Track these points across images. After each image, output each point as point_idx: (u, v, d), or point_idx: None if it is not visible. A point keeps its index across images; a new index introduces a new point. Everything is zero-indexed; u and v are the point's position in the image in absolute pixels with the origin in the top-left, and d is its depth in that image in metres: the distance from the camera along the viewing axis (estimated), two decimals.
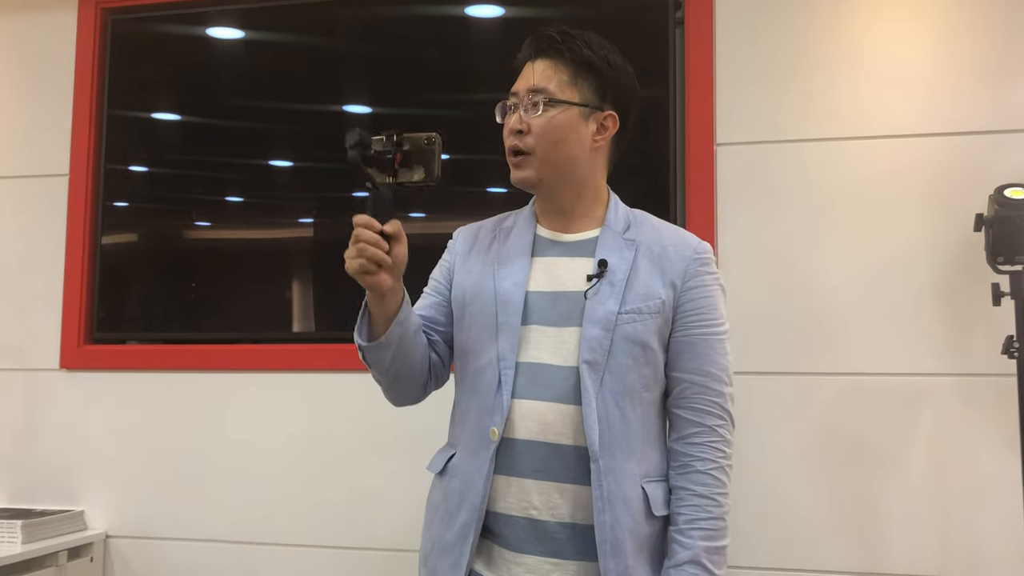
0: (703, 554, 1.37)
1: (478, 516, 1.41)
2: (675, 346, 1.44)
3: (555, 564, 1.39)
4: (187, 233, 2.58)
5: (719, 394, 1.43)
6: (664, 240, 1.48)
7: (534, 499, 1.40)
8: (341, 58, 2.51)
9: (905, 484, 2.09)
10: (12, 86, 2.65)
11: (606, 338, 1.40)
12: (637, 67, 2.40)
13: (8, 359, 2.56)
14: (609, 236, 1.48)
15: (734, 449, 1.44)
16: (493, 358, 1.43)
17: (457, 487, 1.45)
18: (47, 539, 2.30)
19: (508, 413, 1.41)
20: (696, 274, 1.46)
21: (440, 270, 1.59)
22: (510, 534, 1.41)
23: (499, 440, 1.40)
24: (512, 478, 1.41)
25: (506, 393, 1.41)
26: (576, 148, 1.47)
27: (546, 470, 1.39)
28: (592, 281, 1.43)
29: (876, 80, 2.19)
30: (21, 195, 2.61)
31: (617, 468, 1.38)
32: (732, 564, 2.11)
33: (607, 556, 1.36)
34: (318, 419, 2.36)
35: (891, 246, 2.15)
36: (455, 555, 1.42)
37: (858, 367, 2.14)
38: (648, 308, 1.42)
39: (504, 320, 1.44)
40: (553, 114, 1.44)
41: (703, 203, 2.23)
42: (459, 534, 1.42)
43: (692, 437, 1.42)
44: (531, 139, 1.44)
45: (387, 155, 1.36)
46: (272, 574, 2.35)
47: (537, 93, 1.45)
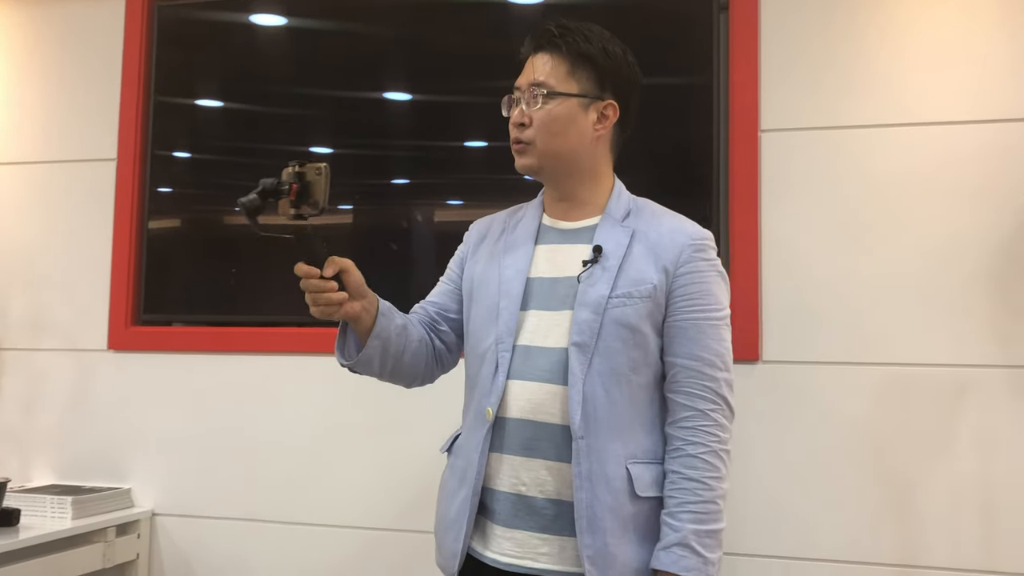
0: (692, 536, 1.39)
1: (474, 492, 1.48)
2: (668, 331, 1.48)
3: (543, 539, 1.45)
4: (229, 218, 2.62)
5: (711, 379, 1.46)
6: (661, 227, 1.53)
7: (523, 476, 1.46)
8: (382, 45, 2.51)
9: (949, 476, 2.05)
10: (62, 73, 2.70)
11: (595, 321, 1.45)
12: (680, 53, 2.39)
13: (58, 340, 2.63)
14: (608, 223, 1.53)
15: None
16: (492, 342, 1.50)
17: (460, 465, 1.53)
18: (96, 515, 2.36)
19: (503, 393, 1.47)
20: (690, 260, 1.49)
21: (455, 260, 1.69)
22: (502, 510, 1.47)
23: (493, 419, 1.47)
24: (504, 455, 1.47)
25: (501, 375, 1.47)
26: (576, 138, 1.52)
27: (535, 448, 1.45)
28: (587, 266, 1.48)
29: (926, 65, 2.14)
30: (70, 179, 2.67)
31: (600, 447, 1.43)
32: (772, 554, 2.11)
33: (583, 532, 1.41)
34: (358, 400, 2.39)
35: (939, 234, 2.10)
36: (455, 530, 1.50)
37: (903, 357, 2.10)
38: (639, 292, 1.46)
39: (504, 305, 1.51)
40: (552, 106, 1.51)
41: (746, 191, 2.20)
42: (459, 510, 1.50)
43: (684, 421, 1.46)
44: (531, 131, 1.52)
45: (284, 187, 1.45)
46: (315, 554, 2.39)
47: (537, 87, 1.51)
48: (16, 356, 2.65)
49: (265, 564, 2.42)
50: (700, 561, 1.39)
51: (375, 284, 1.51)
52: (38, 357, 2.63)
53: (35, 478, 2.59)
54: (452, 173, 2.46)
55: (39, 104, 2.71)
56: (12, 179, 2.71)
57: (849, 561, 2.08)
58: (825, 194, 2.18)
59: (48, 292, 2.64)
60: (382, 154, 2.51)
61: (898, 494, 2.08)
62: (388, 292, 1.62)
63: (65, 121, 2.69)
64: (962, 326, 2.08)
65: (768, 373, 2.17)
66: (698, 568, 1.39)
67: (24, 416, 2.62)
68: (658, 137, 2.31)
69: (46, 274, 2.65)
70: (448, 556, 1.51)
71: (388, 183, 2.51)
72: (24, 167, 2.70)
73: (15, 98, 2.73)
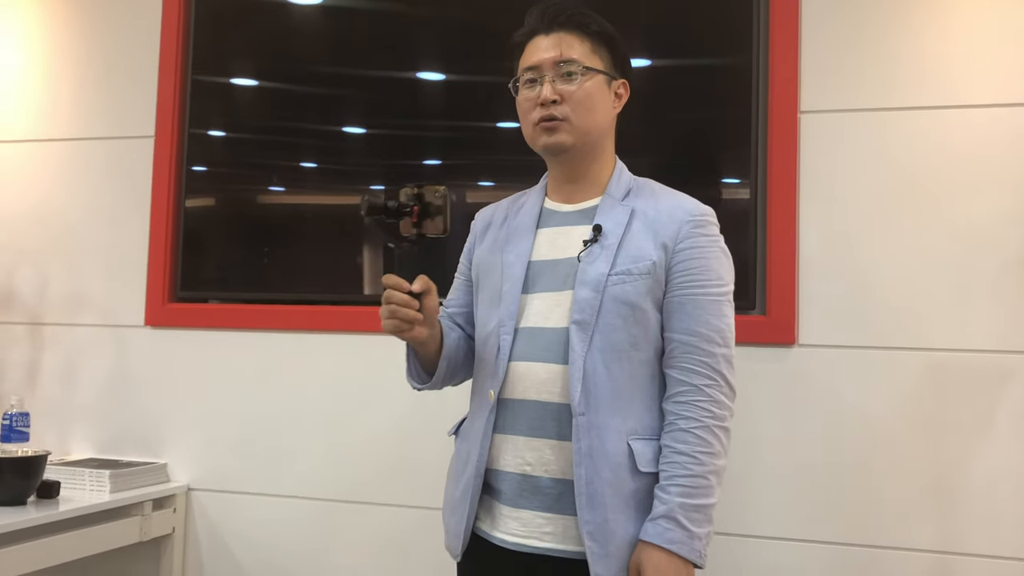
0: (678, 510, 1.40)
1: (478, 474, 1.50)
2: (667, 307, 1.49)
3: (547, 518, 1.46)
4: (263, 197, 2.63)
5: (708, 354, 1.45)
6: (660, 204, 1.53)
7: (527, 455, 1.47)
8: (417, 24, 2.50)
9: (989, 464, 2.02)
10: (101, 51, 2.72)
11: (595, 299, 1.46)
12: (719, 32, 2.35)
13: (96, 315, 2.66)
14: (608, 202, 1.54)
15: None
16: (495, 325, 1.52)
17: (464, 448, 1.56)
18: (133, 489, 2.40)
19: (505, 375, 1.48)
20: (689, 235, 1.49)
21: (464, 253, 1.71)
22: (507, 489, 1.49)
23: (495, 401, 1.48)
24: (508, 436, 1.49)
25: (503, 357, 1.49)
26: (602, 115, 1.54)
27: (539, 427, 1.47)
28: (587, 245, 1.49)
29: (970, 46, 2.10)
30: (108, 156, 2.69)
31: (601, 424, 1.43)
32: (808, 538, 2.10)
33: (583, 508, 1.42)
34: (391, 378, 2.38)
35: (979, 219, 2.06)
36: (460, 511, 1.53)
37: (943, 343, 2.07)
38: (638, 269, 1.47)
39: (506, 289, 1.52)
40: (585, 82, 1.51)
41: (785, 173, 2.17)
42: (463, 492, 1.53)
43: (678, 396, 1.46)
44: (566, 107, 1.50)
45: (406, 210, 1.45)
46: (347, 530, 2.41)
47: (568, 63, 1.50)
48: (56, 331, 2.69)
49: (299, 539, 2.45)
50: (686, 535, 1.39)
51: (411, 262, 1.52)
52: (77, 333, 2.67)
53: (74, 451, 2.63)
54: (484, 154, 2.46)
55: (78, 82, 2.73)
56: (51, 156, 2.74)
57: (887, 547, 2.06)
58: (865, 177, 2.14)
59: (87, 269, 2.68)
60: (415, 134, 2.50)
61: (936, 481, 2.05)
62: (422, 270, 1.63)
63: (104, 99, 2.71)
64: (1003, 312, 2.04)
65: (805, 357, 2.14)
66: (683, 541, 1.39)
67: (64, 390, 2.66)
68: (697, 118, 2.29)
69: (85, 251, 2.68)
70: (454, 536, 1.54)
71: (420, 163, 2.50)
72: (63, 143, 2.73)
73: (55, 76, 2.76)
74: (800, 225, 2.16)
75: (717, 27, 2.27)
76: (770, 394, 2.15)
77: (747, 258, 2.17)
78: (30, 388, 2.68)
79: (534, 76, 1.53)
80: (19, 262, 2.73)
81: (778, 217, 2.17)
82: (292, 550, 2.45)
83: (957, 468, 2.04)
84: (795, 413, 2.14)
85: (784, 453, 2.13)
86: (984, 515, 2.02)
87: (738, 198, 2.21)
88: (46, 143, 2.75)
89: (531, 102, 1.53)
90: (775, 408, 2.15)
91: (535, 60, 1.53)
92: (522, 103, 1.55)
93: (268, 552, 2.47)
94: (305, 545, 2.44)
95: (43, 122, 2.75)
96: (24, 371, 2.70)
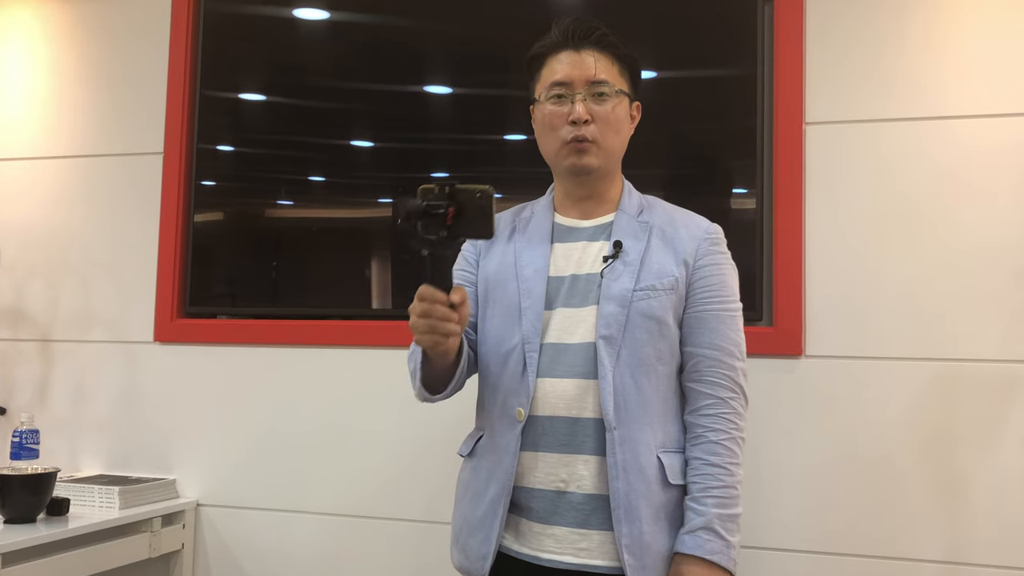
0: (716, 520, 1.43)
1: (506, 492, 1.48)
2: (688, 322, 1.52)
3: (581, 535, 1.46)
4: (272, 212, 2.64)
5: (731, 368, 1.50)
6: (676, 222, 1.56)
7: (560, 472, 1.47)
8: (424, 38, 2.52)
9: (997, 473, 2.02)
10: (110, 68, 2.74)
11: (622, 314, 1.47)
12: (724, 43, 2.36)
13: (105, 331, 2.67)
14: (624, 219, 1.55)
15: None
16: (518, 342, 1.51)
17: (485, 466, 1.53)
18: (142, 505, 2.40)
19: (533, 393, 1.48)
20: (708, 252, 1.53)
21: (465, 262, 1.65)
22: (539, 507, 1.48)
23: (525, 419, 1.47)
24: (539, 453, 1.48)
25: (531, 374, 1.48)
26: (625, 137, 1.58)
27: (570, 443, 1.47)
28: (608, 261, 1.50)
29: (974, 57, 2.10)
30: (117, 173, 2.70)
31: (633, 438, 1.45)
32: (816, 550, 2.09)
33: (621, 522, 1.42)
34: (397, 393, 2.40)
35: (986, 228, 2.07)
36: (485, 531, 1.50)
37: (951, 353, 2.07)
38: (662, 285, 1.49)
39: (527, 305, 1.51)
40: (616, 104, 1.53)
41: (791, 184, 2.18)
42: (488, 510, 1.50)
43: (705, 409, 1.49)
44: (596, 128, 1.51)
45: (439, 210, 1.29)
46: (356, 545, 2.41)
47: (601, 84, 1.52)
48: (65, 348, 2.70)
49: (308, 555, 2.44)
50: (724, 544, 1.42)
51: (417, 277, 1.50)
52: (86, 349, 2.68)
53: (84, 468, 2.64)
54: (492, 166, 2.47)
55: (87, 99, 2.75)
56: (61, 173, 2.76)
57: (895, 558, 2.05)
58: (871, 187, 2.14)
59: (96, 285, 2.69)
60: (423, 147, 2.51)
61: (945, 491, 2.04)
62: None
63: (113, 115, 2.72)
64: (1010, 321, 2.03)
65: (811, 368, 2.14)
66: (722, 551, 1.42)
67: (73, 407, 2.67)
68: (702, 130, 2.29)
69: (94, 267, 2.69)
70: (476, 558, 1.50)
71: (430, 177, 2.51)
72: (72, 161, 2.75)
73: (64, 92, 2.78)
74: (806, 236, 2.17)
75: (722, 39, 2.29)
76: (778, 405, 2.15)
77: (753, 269, 2.17)
78: (40, 405, 2.69)
79: (563, 92, 1.52)
80: (29, 279, 2.74)
81: (784, 228, 2.17)
82: (302, 566, 2.45)
83: (966, 478, 2.03)
84: (803, 424, 2.13)
85: (792, 464, 2.13)
86: (993, 525, 2.01)
87: (744, 209, 2.21)
88: (56, 160, 2.76)
89: (561, 118, 1.52)
90: (783, 419, 2.14)
91: (566, 76, 1.52)
92: (550, 118, 1.54)
93: (278, 567, 2.46)
94: (315, 560, 2.44)
95: (52, 139, 2.77)
96: (34, 388, 2.71)
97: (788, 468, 2.12)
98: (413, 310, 1.35)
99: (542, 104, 1.56)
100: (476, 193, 1.31)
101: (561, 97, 1.53)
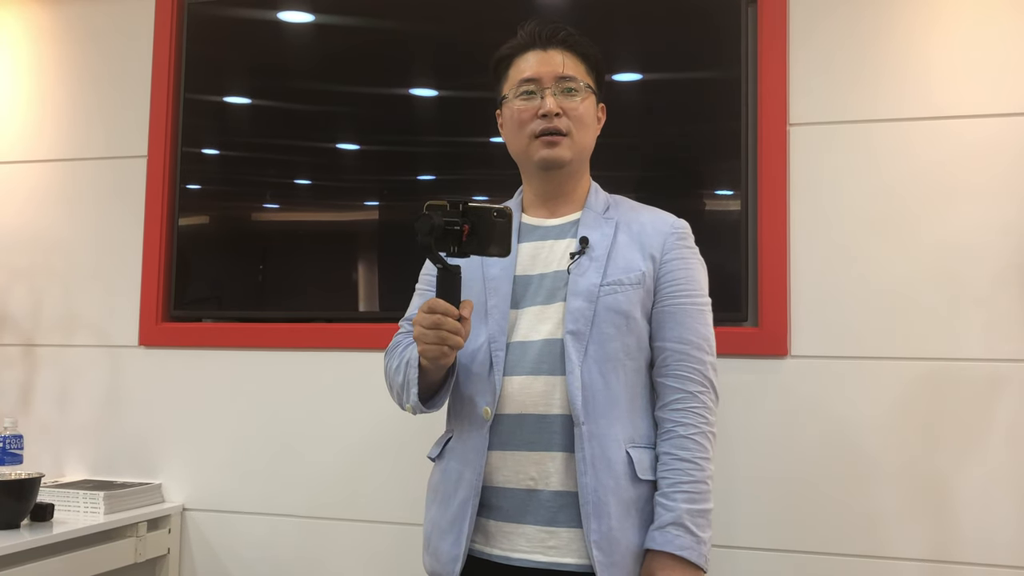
0: (686, 516, 1.42)
1: (475, 493, 1.48)
2: (657, 317, 1.52)
3: (550, 532, 1.45)
4: (257, 215, 2.64)
5: (700, 362, 1.49)
6: (642, 217, 1.57)
7: (530, 470, 1.46)
8: (409, 41, 2.51)
9: (982, 472, 2.03)
10: (92, 70, 2.73)
11: (589, 309, 1.47)
12: (708, 45, 2.37)
13: (89, 336, 2.66)
14: (590, 216, 1.56)
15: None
16: (484, 341, 1.51)
17: (454, 468, 1.52)
18: (127, 510, 2.38)
19: (499, 392, 1.47)
20: (674, 247, 1.54)
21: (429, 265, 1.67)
22: (508, 506, 1.47)
23: (492, 418, 1.47)
24: (507, 452, 1.48)
25: (498, 373, 1.48)
26: (593, 134, 1.59)
27: (538, 440, 1.46)
28: (575, 257, 1.51)
29: (956, 58, 2.12)
30: (101, 176, 2.69)
31: (601, 433, 1.44)
32: (802, 549, 2.10)
33: (590, 517, 1.42)
34: (383, 396, 2.39)
35: (970, 228, 2.08)
36: (454, 534, 1.49)
37: (935, 352, 2.08)
38: (629, 280, 1.50)
39: (494, 304, 1.52)
40: (585, 100, 1.55)
41: (775, 185, 2.19)
42: (457, 513, 1.49)
43: (675, 404, 1.48)
44: (568, 122, 1.53)
45: (455, 227, 1.36)
46: (342, 548, 2.40)
47: (570, 79, 1.54)
48: (49, 352, 2.68)
49: (295, 559, 2.44)
50: (694, 540, 1.42)
51: (404, 279, 1.51)
52: (71, 353, 2.66)
53: (68, 473, 2.62)
54: (477, 169, 2.47)
55: (70, 101, 2.74)
56: (45, 177, 2.74)
57: (880, 557, 2.06)
58: (855, 188, 2.15)
59: (80, 289, 2.67)
60: (408, 150, 2.51)
61: (929, 489, 2.05)
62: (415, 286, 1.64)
63: (96, 118, 2.71)
64: (994, 320, 2.05)
65: (797, 368, 2.15)
66: (691, 547, 1.41)
67: (57, 412, 2.65)
68: (686, 132, 2.30)
69: (78, 271, 2.68)
70: (447, 560, 1.49)
71: (414, 179, 2.51)
72: (55, 164, 2.73)
73: (46, 96, 2.76)
74: (791, 237, 2.18)
75: (706, 41, 2.29)
76: (763, 406, 2.16)
77: (738, 270, 2.18)
78: (24, 410, 2.67)
79: (532, 88, 1.54)
80: (12, 283, 2.73)
81: (769, 229, 2.18)
82: (287, 569, 2.44)
83: (949, 477, 2.04)
84: (788, 424, 2.14)
85: (777, 464, 2.13)
86: (977, 523, 2.02)
87: (729, 210, 2.22)
88: (39, 164, 2.75)
89: (529, 113, 1.53)
90: (768, 420, 2.15)
91: (534, 72, 1.54)
92: (518, 114, 1.55)
93: (263, 571, 2.45)
94: (300, 564, 2.43)
95: (36, 143, 2.76)
96: (18, 393, 2.69)
97: (773, 467, 2.13)
98: (420, 322, 1.38)
99: (510, 102, 1.57)
100: (493, 212, 1.36)
101: (530, 93, 1.54)
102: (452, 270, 1.37)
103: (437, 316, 1.36)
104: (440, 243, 1.34)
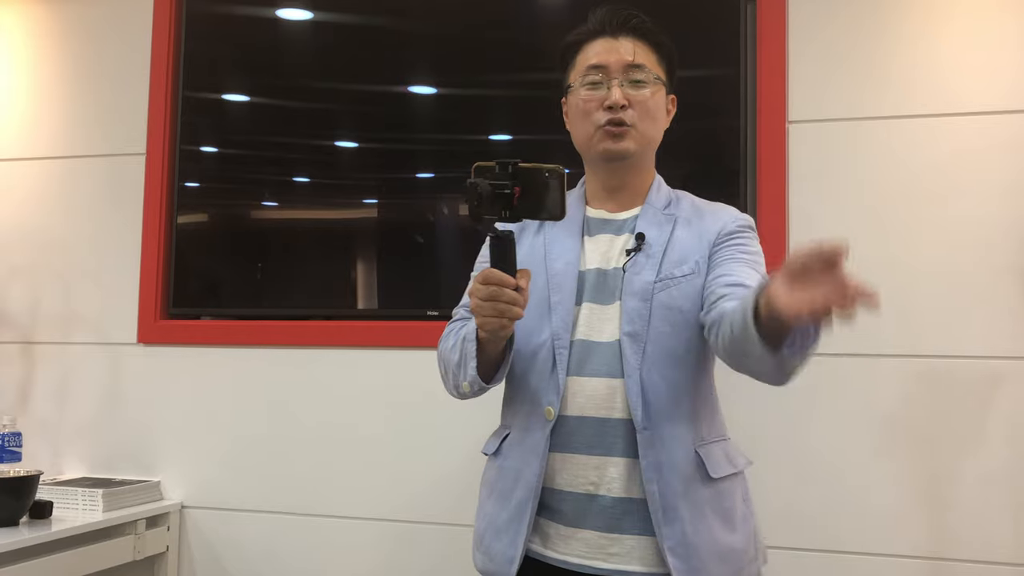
0: None
1: (534, 494, 1.43)
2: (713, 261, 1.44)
3: (612, 539, 1.40)
4: (256, 213, 2.63)
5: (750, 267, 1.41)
6: (703, 211, 1.52)
7: (590, 474, 1.41)
8: (408, 38, 2.51)
9: (981, 470, 2.03)
10: (91, 68, 2.73)
11: (644, 308, 1.42)
12: (707, 43, 2.36)
13: (88, 333, 2.65)
14: (649, 212, 1.51)
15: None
16: (547, 338, 1.45)
17: (512, 466, 1.47)
18: (126, 508, 2.38)
19: (563, 391, 1.42)
20: (735, 231, 1.47)
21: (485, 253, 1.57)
22: (568, 510, 1.43)
23: (555, 419, 1.42)
24: (568, 454, 1.42)
25: (561, 372, 1.43)
26: (661, 127, 1.53)
27: (599, 444, 1.41)
28: (630, 255, 1.45)
29: (957, 54, 2.12)
30: (100, 174, 2.69)
31: (666, 436, 1.39)
32: (800, 547, 2.10)
33: (660, 524, 1.37)
34: (382, 394, 2.40)
35: (970, 225, 2.08)
36: (511, 534, 1.44)
37: (935, 349, 2.08)
38: (682, 271, 1.44)
39: (557, 300, 1.46)
40: (654, 92, 1.49)
41: (775, 183, 2.18)
42: (515, 513, 1.44)
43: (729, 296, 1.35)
44: (633, 113, 1.47)
45: (504, 190, 1.24)
46: (341, 546, 2.40)
47: (638, 69, 1.47)
48: (48, 350, 2.68)
49: (294, 557, 2.43)
50: None
51: (405, 276, 1.50)
52: (69, 351, 2.66)
53: (67, 471, 2.62)
54: None
55: (69, 99, 2.74)
56: (43, 174, 2.74)
57: (879, 554, 2.06)
58: (855, 186, 2.15)
59: (79, 287, 2.67)
60: (408, 148, 2.51)
61: (929, 486, 2.05)
62: (416, 284, 1.62)
63: (94, 116, 2.71)
64: (994, 318, 2.05)
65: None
66: None
67: (56, 409, 2.65)
68: (685, 129, 2.29)
69: (77, 269, 2.67)
70: (502, 561, 1.44)
71: (414, 177, 2.51)
72: (54, 162, 2.73)
73: (45, 93, 2.76)
74: (790, 234, 2.17)
75: (705, 39, 2.29)
76: (764, 403, 2.15)
77: None
78: (22, 407, 2.67)
79: (599, 78, 1.47)
80: (10, 281, 2.72)
81: (768, 226, 2.18)
82: (286, 567, 2.44)
83: (949, 473, 2.04)
84: (789, 421, 2.14)
85: (778, 462, 2.13)
86: (976, 520, 2.02)
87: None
88: (37, 161, 2.74)
89: (595, 103, 1.47)
90: (769, 417, 2.15)
91: (603, 60, 1.48)
92: (584, 103, 1.48)
93: (262, 569, 2.45)
94: (299, 562, 2.43)
95: (34, 140, 2.75)
96: (16, 390, 2.69)
97: (774, 465, 2.13)
98: (476, 293, 1.31)
99: (576, 90, 1.50)
100: (544, 172, 1.25)
101: (596, 83, 1.48)
102: (505, 237, 1.28)
103: (493, 288, 1.29)
104: (490, 208, 1.24)
